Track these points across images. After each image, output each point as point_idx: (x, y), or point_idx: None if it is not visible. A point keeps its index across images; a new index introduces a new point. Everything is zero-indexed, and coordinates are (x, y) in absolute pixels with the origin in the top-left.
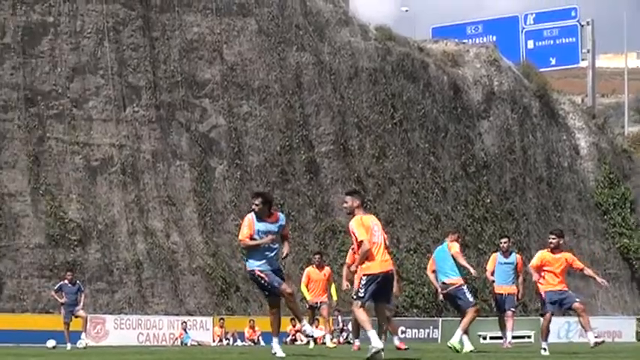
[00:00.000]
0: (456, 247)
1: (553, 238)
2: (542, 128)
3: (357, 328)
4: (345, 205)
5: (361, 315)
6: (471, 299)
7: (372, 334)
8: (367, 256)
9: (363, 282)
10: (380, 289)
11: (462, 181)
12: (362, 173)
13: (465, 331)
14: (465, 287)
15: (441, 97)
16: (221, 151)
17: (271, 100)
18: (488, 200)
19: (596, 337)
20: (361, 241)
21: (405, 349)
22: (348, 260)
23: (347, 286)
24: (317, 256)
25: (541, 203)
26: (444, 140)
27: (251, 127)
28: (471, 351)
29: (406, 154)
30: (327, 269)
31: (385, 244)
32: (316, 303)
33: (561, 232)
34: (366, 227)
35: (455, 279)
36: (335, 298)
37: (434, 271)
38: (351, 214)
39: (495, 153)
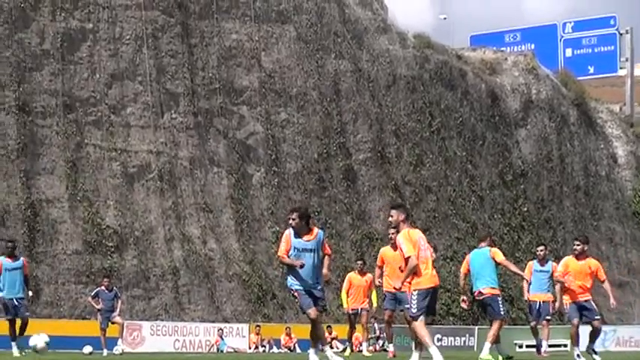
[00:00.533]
0: (501, 255)
1: (577, 245)
2: (579, 137)
3: (391, 333)
4: (390, 219)
5: (421, 330)
6: (502, 311)
7: (434, 350)
8: (415, 272)
9: (414, 298)
10: (428, 303)
11: (499, 189)
12: (399, 181)
13: (496, 341)
14: (500, 297)
15: (478, 105)
16: (258, 158)
17: (309, 108)
18: (525, 209)
19: (595, 353)
20: (409, 257)
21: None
22: (378, 262)
23: (379, 282)
24: (359, 262)
25: (578, 212)
26: (481, 148)
27: (289, 135)
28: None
29: (443, 162)
30: (368, 276)
31: (432, 257)
32: (356, 309)
33: (586, 239)
34: (413, 242)
35: (493, 288)
36: (375, 304)
37: (466, 275)
38: (396, 227)
39: (533, 161)
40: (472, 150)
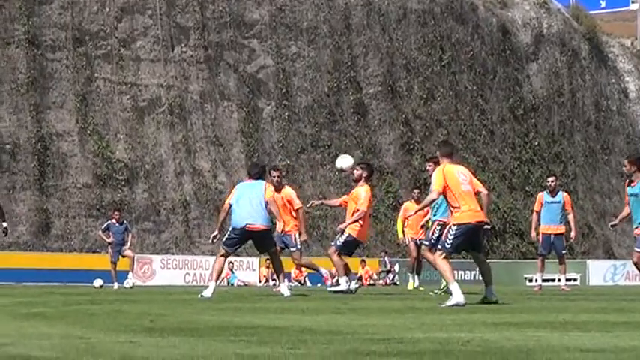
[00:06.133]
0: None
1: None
2: (591, 71)
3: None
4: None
5: (443, 264)
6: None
7: (455, 287)
8: (457, 206)
9: (451, 232)
10: (470, 239)
11: (510, 123)
12: (410, 115)
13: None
14: None
15: (489, 39)
16: (269, 92)
17: (320, 41)
18: (536, 143)
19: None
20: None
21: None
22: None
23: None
24: (416, 191)
25: (589, 146)
26: (492, 83)
27: (299, 68)
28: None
29: (454, 96)
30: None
31: (475, 192)
32: (415, 239)
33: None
34: (447, 176)
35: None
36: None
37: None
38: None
39: (544, 96)
40: (483, 84)
